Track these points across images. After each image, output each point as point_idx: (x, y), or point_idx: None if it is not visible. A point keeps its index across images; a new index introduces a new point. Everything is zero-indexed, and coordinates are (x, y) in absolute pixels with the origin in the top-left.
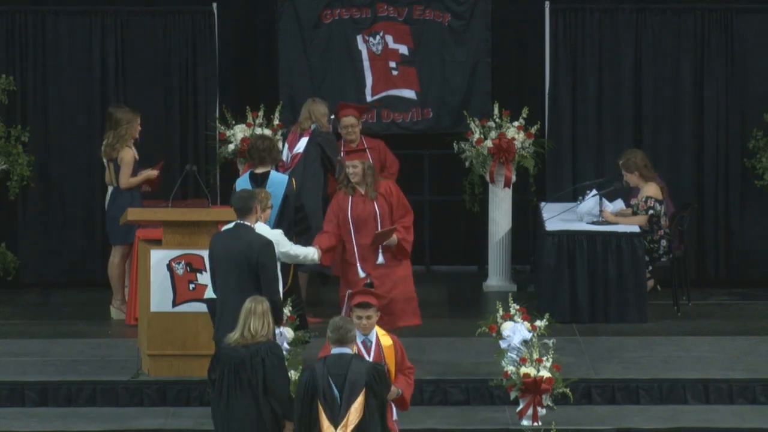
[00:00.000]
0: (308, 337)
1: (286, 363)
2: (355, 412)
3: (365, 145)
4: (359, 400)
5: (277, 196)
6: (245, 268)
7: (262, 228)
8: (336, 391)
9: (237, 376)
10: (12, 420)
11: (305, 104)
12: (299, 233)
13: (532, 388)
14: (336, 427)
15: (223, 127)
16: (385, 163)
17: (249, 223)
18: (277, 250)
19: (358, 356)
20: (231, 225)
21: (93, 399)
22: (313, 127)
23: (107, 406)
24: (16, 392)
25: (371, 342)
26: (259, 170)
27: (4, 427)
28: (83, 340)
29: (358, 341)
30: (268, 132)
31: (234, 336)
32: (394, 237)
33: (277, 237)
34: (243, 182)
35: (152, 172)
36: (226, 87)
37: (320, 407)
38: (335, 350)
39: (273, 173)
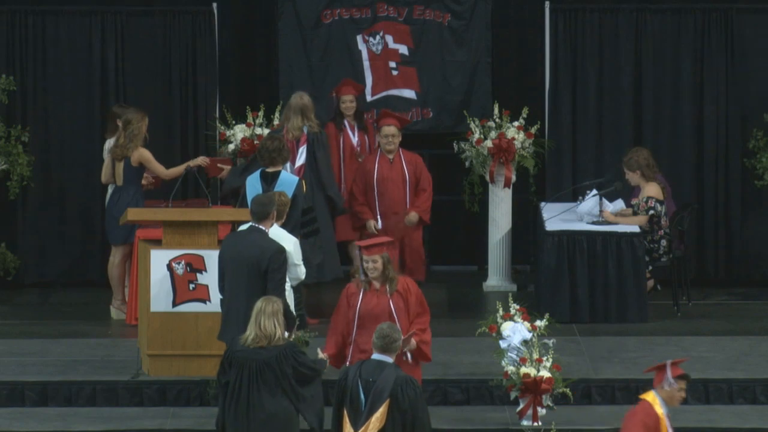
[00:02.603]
0: (308, 337)
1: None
2: (375, 421)
3: (403, 159)
4: (381, 410)
5: None
6: (255, 273)
7: (279, 233)
8: (363, 397)
9: (261, 377)
10: (12, 420)
11: (294, 102)
12: (307, 235)
13: (532, 388)
14: None
15: (223, 127)
16: (420, 178)
17: (264, 228)
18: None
19: (395, 366)
20: (245, 227)
21: (93, 399)
22: (305, 130)
23: (107, 406)
24: (16, 392)
25: None
26: (270, 169)
27: (4, 427)
28: (83, 340)
29: (664, 411)
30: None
31: (248, 336)
32: (413, 341)
33: (292, 247)
34: (254, 180)
35: (198, 160)
36: (226, 87)
37: (345, 410)
38: (375, 356)
39: (284, 173)
